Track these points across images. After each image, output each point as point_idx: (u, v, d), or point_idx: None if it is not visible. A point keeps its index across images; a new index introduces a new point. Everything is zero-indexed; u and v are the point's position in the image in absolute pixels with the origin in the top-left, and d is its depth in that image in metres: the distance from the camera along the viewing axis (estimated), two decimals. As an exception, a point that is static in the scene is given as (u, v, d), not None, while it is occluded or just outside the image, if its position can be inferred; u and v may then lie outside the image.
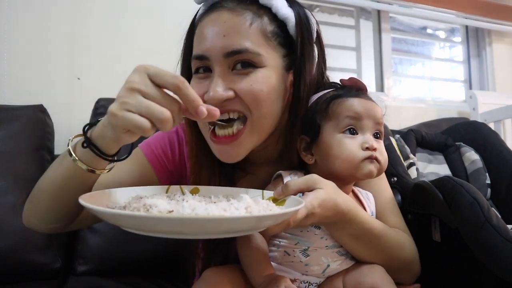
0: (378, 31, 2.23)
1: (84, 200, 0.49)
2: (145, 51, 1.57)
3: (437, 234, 0.84)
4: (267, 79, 0.68)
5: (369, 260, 0.71)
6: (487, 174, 1.14)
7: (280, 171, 0.74)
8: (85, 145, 0.58)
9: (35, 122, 1.23)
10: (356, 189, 0.78)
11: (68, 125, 1.42)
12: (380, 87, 2.19)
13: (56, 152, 1.30)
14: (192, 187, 0.68)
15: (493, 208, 0.81)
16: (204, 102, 0.64)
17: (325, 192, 0.61)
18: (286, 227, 0.56)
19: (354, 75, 0.76)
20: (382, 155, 0.71)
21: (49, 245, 1.09)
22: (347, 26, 2.20)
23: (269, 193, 0.65)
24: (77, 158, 0.59)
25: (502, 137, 1.41)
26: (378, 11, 2.23)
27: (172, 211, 0.49)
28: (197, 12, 0.75)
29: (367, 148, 0.69)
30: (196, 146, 0.75)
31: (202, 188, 0.69)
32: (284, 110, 0.73)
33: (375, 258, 0.70)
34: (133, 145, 0.59)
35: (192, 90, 0.53)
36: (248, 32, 0.67)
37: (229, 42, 0.66)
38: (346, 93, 0.75)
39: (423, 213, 0.86)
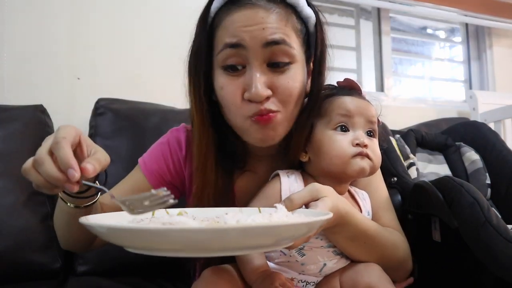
0: (378, 31, 2.23)
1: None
2: (145, 51, 1.57)
3: (437, 234, 0.84)
4: (299, 76, 0.71)
5: (364, 260, 0.71)
6: (487, 174, 1.14)
7: (278, 171, 0.74)
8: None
9: (35, 122, 1.23)
10: (353, 189, 0.78)
11: (68, 125, 1.41)
12: (380, 87, 2.18)
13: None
14: (178, 210, 0.64)
15: (493, 208, 0.81)
16: (243, 100, 0.68)
17: (331, 200, 0.61)
18: (306, 240, 0.58)
19: (354, 75, 0.77)
20: (375, 153, 0.72)
21: (49, 245, 1.09)
22: (347, 26, 2.19)
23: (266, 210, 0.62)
24: (62, 198, 0.67)
25: (502, 137, 1.41)
26: (378, 11, 2.22)
27: None
28: (209, 4, 0.73)
29: (358, 145, 0.69)
30: (205, 146, 0.75)
31: (189, 210, 0.65)
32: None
33: (370, 258, 0.71)
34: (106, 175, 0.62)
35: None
36: (285, 29, 0.69)
37: (268, 33, 0.68)
38: (338, 91, 0.76)
39: (423, 213, 0.86)
